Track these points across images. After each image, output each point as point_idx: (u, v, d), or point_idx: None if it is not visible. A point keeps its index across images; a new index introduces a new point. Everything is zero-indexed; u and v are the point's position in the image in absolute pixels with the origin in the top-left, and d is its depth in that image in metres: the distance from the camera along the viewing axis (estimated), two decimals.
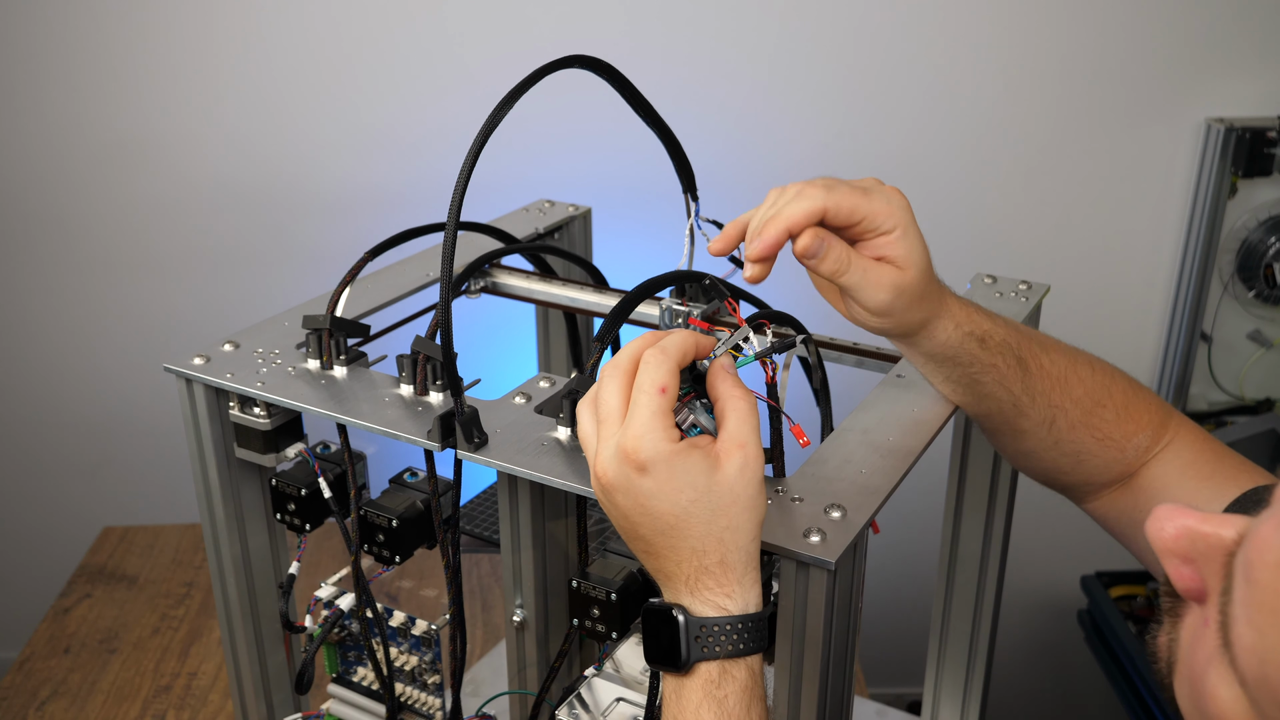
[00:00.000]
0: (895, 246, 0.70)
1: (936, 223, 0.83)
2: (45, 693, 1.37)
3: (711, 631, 0.63)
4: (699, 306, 0.92)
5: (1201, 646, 0.45)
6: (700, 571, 0.63)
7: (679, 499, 0.62)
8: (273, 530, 0.97)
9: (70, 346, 1.95)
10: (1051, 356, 0.80)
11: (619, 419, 0.64)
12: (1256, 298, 1.89)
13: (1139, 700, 1.68)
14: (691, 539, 0.63)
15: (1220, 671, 0.43)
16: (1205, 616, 0.45)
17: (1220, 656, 0.43)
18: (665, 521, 0.63)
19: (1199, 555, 0.45)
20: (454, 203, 0.70)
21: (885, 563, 2.06)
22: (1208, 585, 0.45)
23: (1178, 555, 0.46)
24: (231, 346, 0.91)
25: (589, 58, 0.77)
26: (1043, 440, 0.82)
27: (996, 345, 0.77)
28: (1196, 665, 0.45)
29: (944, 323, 0.75)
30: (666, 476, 0.62)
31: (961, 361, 0.76)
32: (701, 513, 0.62)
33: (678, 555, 0.64)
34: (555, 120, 1.71)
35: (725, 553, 0.63)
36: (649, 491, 0.62)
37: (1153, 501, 0.83)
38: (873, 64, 1.75)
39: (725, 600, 0.64)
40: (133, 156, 1.80)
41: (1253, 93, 1.79)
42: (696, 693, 0.64)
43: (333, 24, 1.72)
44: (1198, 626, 0.46)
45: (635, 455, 0.62)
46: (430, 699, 0.94)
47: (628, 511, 0.64)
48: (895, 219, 0.70)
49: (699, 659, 0.64)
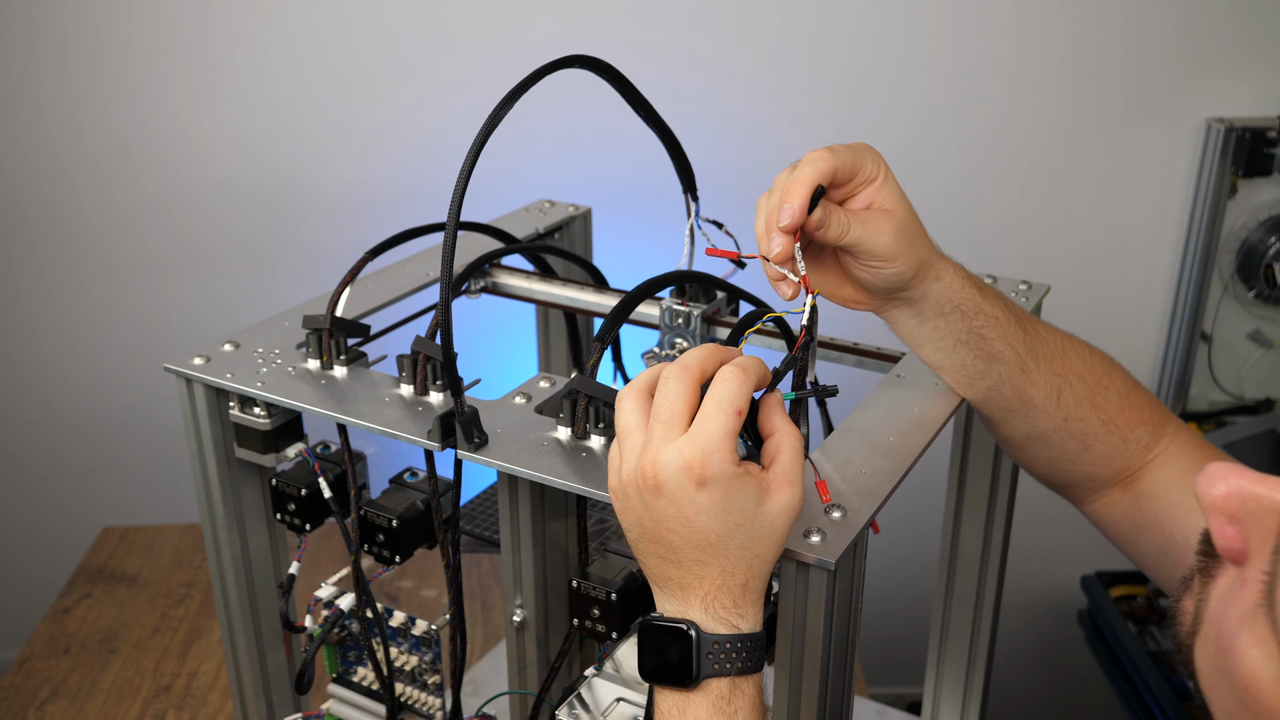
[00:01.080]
0: (883, 190, 0.73)
1: (936, 223, 0.83)
2: (45, 693, 1.37)
3: (725, 649, 0.63)
4: (699, 306, 0.92)
5: (1235, 607, 0.45)
6: (721, 590, 0.64)
7: (727, 520, 0.62)
8: (273, 530, 0.97)
9: (70, 346, 1.95)
10: (1046, 328, 0.82)
11: (682, 425, 0.63)
12: (1256, 298, 1.89)
13: (1139, 700, 1.68)
14: (724, 559, 0.63)
15: (1255, 631, 0.43)
16: (1243, 577, 0.46)
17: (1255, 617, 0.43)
18: (705, 538, 0.63)
19: (1248, 515, 0.46)
20: (454, 203, 0.70)
21: (885, 563, 2.06)
22: (1251, 546, 0.46)
23: (1225, 514, 0.47)
24: (231, 346, 0.91)
25: (589, 58, 0.77)
26: (1052, 416, 0.82)
27: (993, 296, 0.79)
28: (1227, 626, 0.46)
29: (944, 262, 0.77)
30: (723, 497, 0.62)
31: (966, 310, 0.77)
32: (741, 537, 0.63)
33: (704, 571, 0.64)
34: (555, 120, 1.71)
35: (750, 578, 0.64)
36: (701, 506, 0.62)
37: (1153, 507, 0.83)
38: (873, 64, 1.75)
39: (738, 619, 0.64)
40: (133, 156, 1.80)
41: (1253, 93, 1.79)
42: (705, 709, 0.64)
43: (332, 24, 1.72)
44: (1232, 587, 0.46)
45: (701, 469, 0.61)
46: (430, 699, 0.94)
47: (665, 517, 0.63)
48: (880, 165, 0.73)
49: (709, 675, 0.64)
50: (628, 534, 0.66)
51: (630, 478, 0.64)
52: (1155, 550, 0.83)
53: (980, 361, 0.79)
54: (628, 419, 0.65)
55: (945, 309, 0.77)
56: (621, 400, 0.66)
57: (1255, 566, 0.45)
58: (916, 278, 0.75)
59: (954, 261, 0.78)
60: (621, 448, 0.65)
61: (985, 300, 0.78)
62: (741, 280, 0.94)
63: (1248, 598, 0.44)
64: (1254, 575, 0.45)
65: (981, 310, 0.77)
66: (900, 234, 0.72)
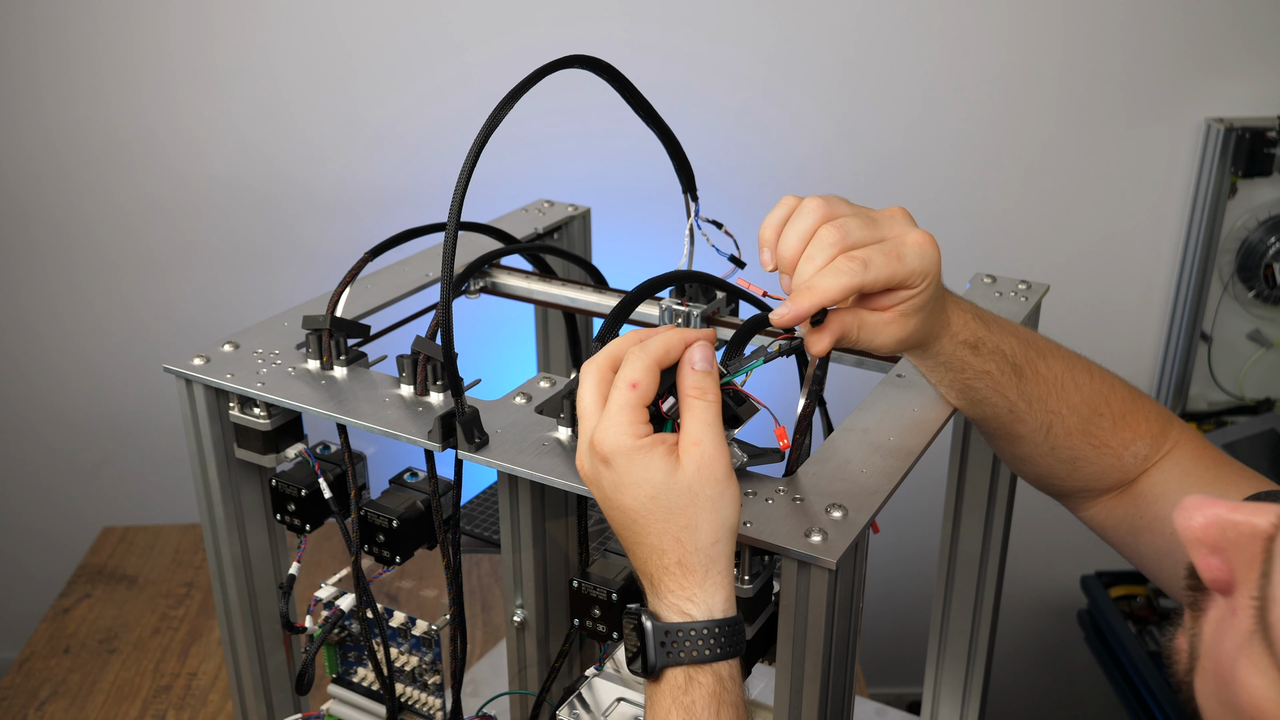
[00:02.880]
0: (913, 308, 0.68)
1: (937, 223, 0.83)
2: (45, 693, 1.37)
3: (676, 637, 0.63)
4: (699, 306, 0.92)
5: (1229, 636, 0.45)
6: (661, 572, 0.63)
7: (638, 494, 0.62)
8: (273, 530, 0.97)
9: (70, 346, 1.95)
10: (1049, 363, 0.80)
11: (595, 414, 0.64)
12: (1256, 298, 1.89)
13: (1139, 700, 1.68)
14: (650, 536, 0.63)
15: (1252, 659, 0.43)
16: (1233, 606, 0.45)
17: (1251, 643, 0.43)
18: (628, 516, 0.63)
19: (1229, 544, 0.45)
20: (454, 203, 0.70)
21: (885, 563, 2.06)
22: (1236, 575, 0.45)
23: (1207, 545, 0.46)
24: (231, 347, 0.91)
25: (589, 58, 0.77)
26: (1039, 446, 0.82)
27: (989, 351, 0.76)
28: (1224, 656, 0.45)
29: (941, 342, 0.75)
30: (625, 469, 0.62)
31: (954, 368, 0.76)
32: (659, 510, 0.62)
33: (643, 553, 0.64)
34: (555, 120, 1.71)
35: (683, 554, 0.63)
36: (612, 484, 0.63)
37: (1152, 508, 0.83)
38: (873, 64, 1.75)
39: (687, 605, 0.63)
40: (133, 156, 1.80)
41: (1253, 93, 1.79)
42: (665, 699, 0.63)
43: (333, 24, 1.72)
44: (1224, 617, 0.46)
45: (599, 447, 0.63)
46: (430, 699, 0.94)
47: (601, 504, 0.65)
48: (927, 276, 0.67)
49: (664, 665, 0.63)
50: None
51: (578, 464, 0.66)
52: (1156, 552, 0.83)
53: (966, 400, 0.79)
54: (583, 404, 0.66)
55: (928, 364, 0.77)
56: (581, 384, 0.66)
57: (1244, 594, 0.44)
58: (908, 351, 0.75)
59: (956, 321, 0.74)
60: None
61: (978, 358, 0.76)
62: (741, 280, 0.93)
63: (1241, 626, 0.44)
64: (1244, 603, 0.44)
65: (970, 367, 0.76)
66: (900, 348, 0.71)
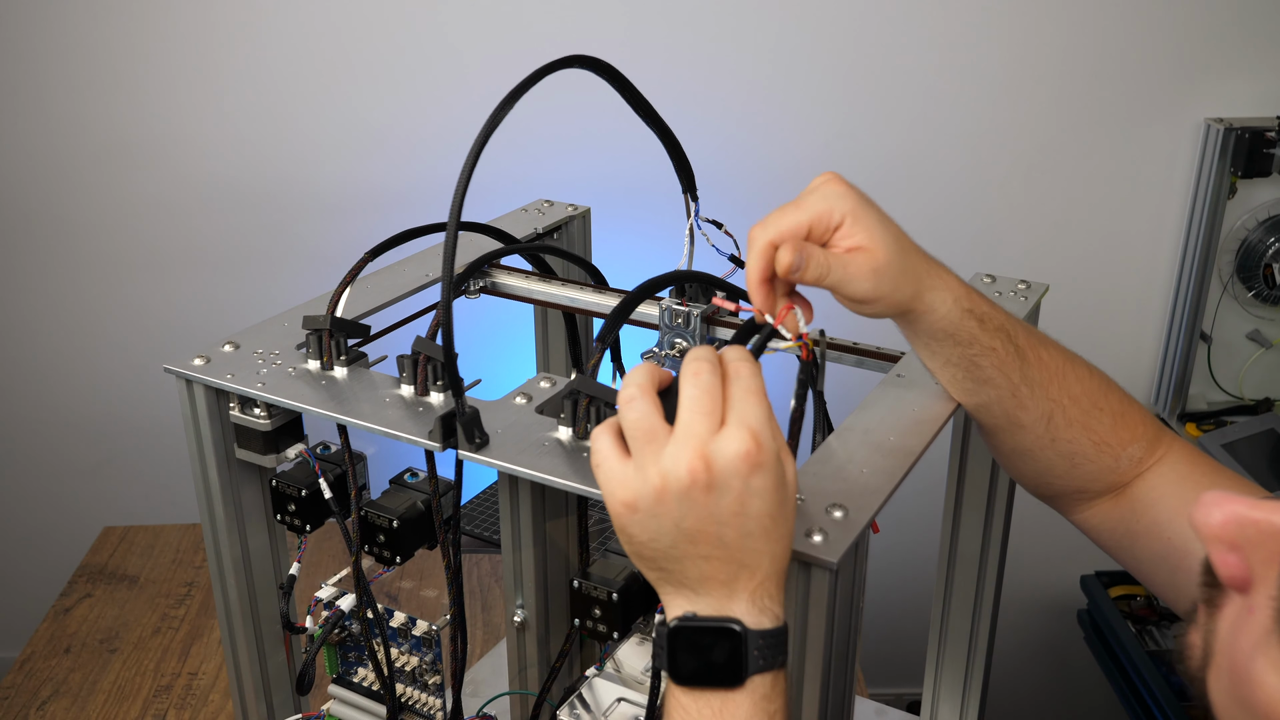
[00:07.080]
0: (854, 233, 0.70)
1: (936, 223, 0.83)
2: (46, 692, 1.37)
3: (771, 643, 0.60)
4: (699, 306, 0.92)
5: (1245, 634, 0.45)
6: (770, 579, 0.60)
7: (784, 494, 0.59)
8: (273, 531, 0.97)
9: (70, 346, 1.95)
10: (1050, 351, 0.80)
11: (719, 416, 0.59)
12: (1256, 298, 1.90)
13: (1139, 700, 1.68)
14: (782, 541, 0.60)
15: (1269, 657, 0.43)
16: (1250, 604, 0.45)
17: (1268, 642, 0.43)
18: (760, 524, 0.59)
19: (1247, 541, 0.45)
20: (455, 203, 0.70)
21: (885, 563, 2.07)
22: (1254, 573, 0.45)
23: (1225, 542, 0.46)
24: (231, 347, 0.91)
25: (589, 58, 0.77)
26: (1040, 437, 0.81)
27: (995, 328, 0.76)
28: (1240, 655, 0.45)
29: (939, 294, 0.74)
30: (778, 474, 0.59)
31: (960, 340, 0.76)
32: (790, 513, 0.60)
33: (757, 560, 0.60)
34: (555, 120, 1.71)
35: (788, 559, 0.61)
36: (756, 490, 0.58)
37: (1149, 513, 0.82)
38: (873, 64, 1.75)
39: (779, 609, 0.61)
40: (133, 156, 1.80)
41: (1252, 93, 1.79)
42: (746, 708, 0.60)
43: (332, 24, 1.72)
44: (1240, 616, 0.46)
45: (758, 454, 0.57)
46: (431, 699, 0.94)
47: (717, 512, 0.58)
48: (839, 208, 0.70)
49: (755, 672, 0.60)
50: (652, 544, 0.61)
51: (671, 480, 0.58)
52: (1152, 555, 0.83)
53: (971, 381, 0.79)
54: (651, 420, 0.60)
55: (937, 335, 0.76)
56: (633, 403, 0.60)
57: (1261, 592, 0.44)
58: (903, 314, 0.75)
59: (957, 287, 0.75)
60: (644, 452, 0.60)
61: (984, 332, 0.76)
62: (741, 280, 0.93)
63: (1258, 624, 0.44)
64: (1261, 601, 0.44)
65: (977, 340, 0.76)
66: (879, 277, 0.71)
